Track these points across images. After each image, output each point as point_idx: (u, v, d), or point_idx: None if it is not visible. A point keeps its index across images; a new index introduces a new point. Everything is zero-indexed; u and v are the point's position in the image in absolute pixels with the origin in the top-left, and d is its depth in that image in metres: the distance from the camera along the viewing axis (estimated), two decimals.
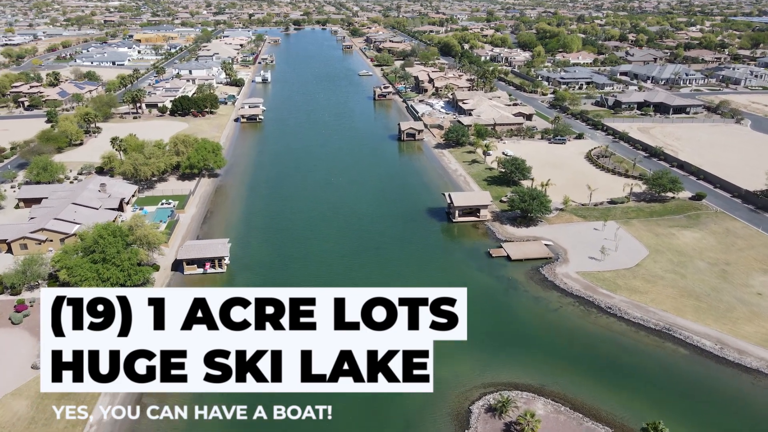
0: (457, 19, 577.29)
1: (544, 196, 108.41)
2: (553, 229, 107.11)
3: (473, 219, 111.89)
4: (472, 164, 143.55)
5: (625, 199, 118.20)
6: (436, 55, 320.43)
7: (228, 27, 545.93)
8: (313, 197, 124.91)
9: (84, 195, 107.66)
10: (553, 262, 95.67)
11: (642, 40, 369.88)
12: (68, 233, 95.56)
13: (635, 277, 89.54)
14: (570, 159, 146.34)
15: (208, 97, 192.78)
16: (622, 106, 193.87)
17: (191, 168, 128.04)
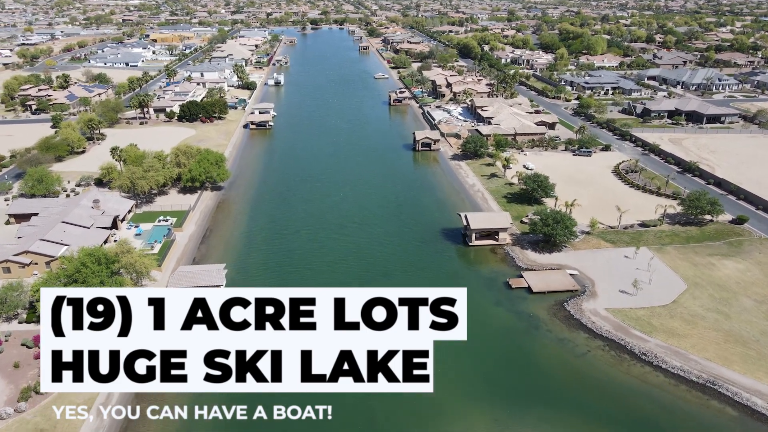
0: (477, 19, 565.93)
1: (569, 219, 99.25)
2: (579, 256, 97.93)
3: (491, 243, 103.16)
4: (491, 179, 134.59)
5: (658, 222, 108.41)
6: (455, 57, 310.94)
7: (245, 26, 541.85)
8: (320, 214, 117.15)
9: (75, 212, 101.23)
10: (580, 295, 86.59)
11: (670, 41, 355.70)
12: (54, 256, 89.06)
13: (672, 317, 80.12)
14: (596, 174, 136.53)
15: (217, 102, 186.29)
16: (652, 115, 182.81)
17: (192, 181, 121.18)
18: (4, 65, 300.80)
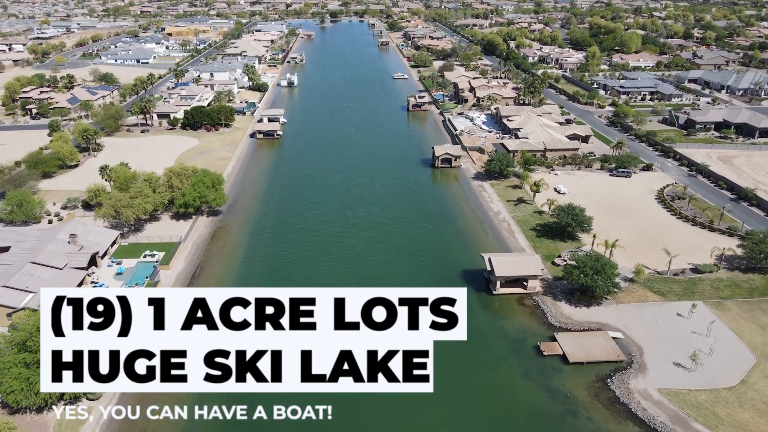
0: (503, 11, 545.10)
1: (610, 268, 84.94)
2: (623, 312, 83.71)
3: (519, 291, 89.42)
4: (518, 205, 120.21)
5: (714, 267, 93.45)
6: (479, 54, 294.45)
7: (263, 19, 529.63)
8: (326, 247, 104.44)
9: (49, 249, 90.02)
10: (626, 368, 72.66)
11: (709, 38, 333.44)
12: (16, 307, 77.96)
13: (742, 405, 65.86)
14: (638, 200, 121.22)
15: (223, 108, 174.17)
16: (697, 126, 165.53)
17: (185, 206, 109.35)
18: (14, 62, 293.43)
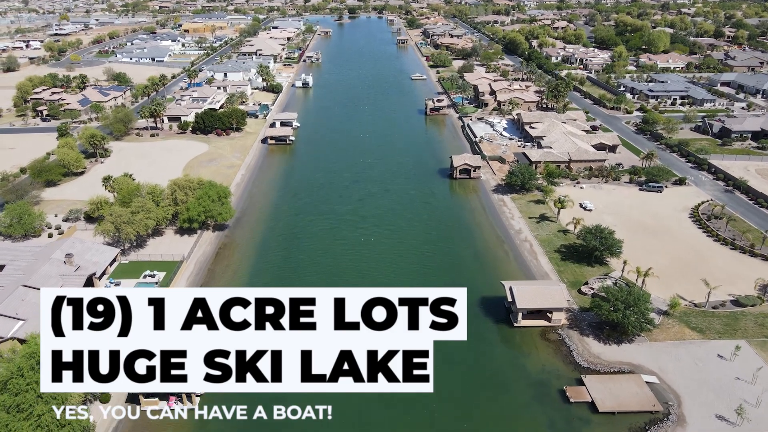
0: (524, 6, 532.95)
1: (643, 303, 77.58)
2: (657, 352, 76.42)
3: (542, 324, 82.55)
4: (541, 222, 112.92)
5: (758, 300, 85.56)
6: (500, 54, 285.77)
7: (280, 15, 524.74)
8: (335, 268, 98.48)
9: (43, 271, 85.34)
10: (662, 420, 65.57)
11: (742, 36, 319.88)
12: (4, 337, 73.27)
13: None
14: (670, 219, 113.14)
15: (234, 112, 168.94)
16: (732, 136, 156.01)
17: (190, 222, 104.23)
18: (30, 59, 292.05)
